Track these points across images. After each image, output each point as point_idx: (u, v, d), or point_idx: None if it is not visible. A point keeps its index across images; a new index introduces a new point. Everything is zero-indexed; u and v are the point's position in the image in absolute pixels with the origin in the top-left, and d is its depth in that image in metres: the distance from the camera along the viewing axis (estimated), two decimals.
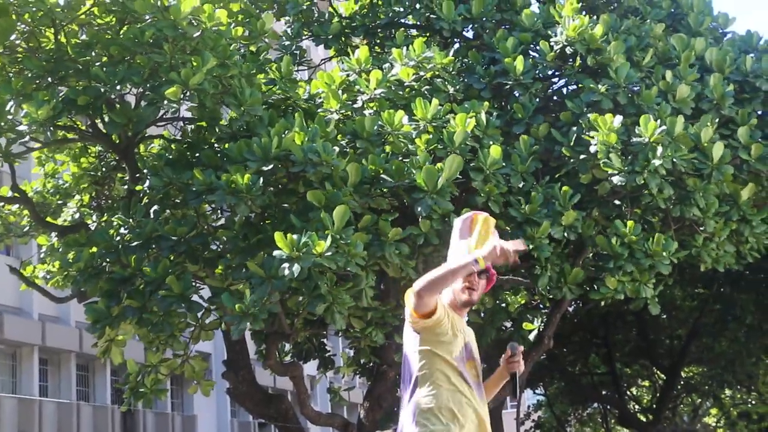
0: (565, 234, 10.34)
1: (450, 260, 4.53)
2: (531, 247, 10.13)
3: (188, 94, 9.61)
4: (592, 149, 10.20)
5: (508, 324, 15.01)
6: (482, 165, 9.99)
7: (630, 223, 10.49)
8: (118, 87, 9.76)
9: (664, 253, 10.39)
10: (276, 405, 12.82)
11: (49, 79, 10.10)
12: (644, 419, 22.76)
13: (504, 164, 10.16)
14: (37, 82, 10.08)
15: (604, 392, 22.49)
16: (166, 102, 9.55)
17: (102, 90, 9.73)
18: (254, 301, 8.92)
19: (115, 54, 9.99)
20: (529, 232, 10.14)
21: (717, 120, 10.90)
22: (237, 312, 8.97)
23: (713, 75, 11.08)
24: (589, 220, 10.83)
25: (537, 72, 11.29)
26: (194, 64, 9.58)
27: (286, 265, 8.68)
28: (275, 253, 8.79)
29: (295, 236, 8.69)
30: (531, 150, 10.50)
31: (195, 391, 12.25)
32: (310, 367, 19.70)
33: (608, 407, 23.82)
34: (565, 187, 10.42)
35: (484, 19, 11.87)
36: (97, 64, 9.95)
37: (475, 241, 4.65)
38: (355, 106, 10.48)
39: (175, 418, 26.20)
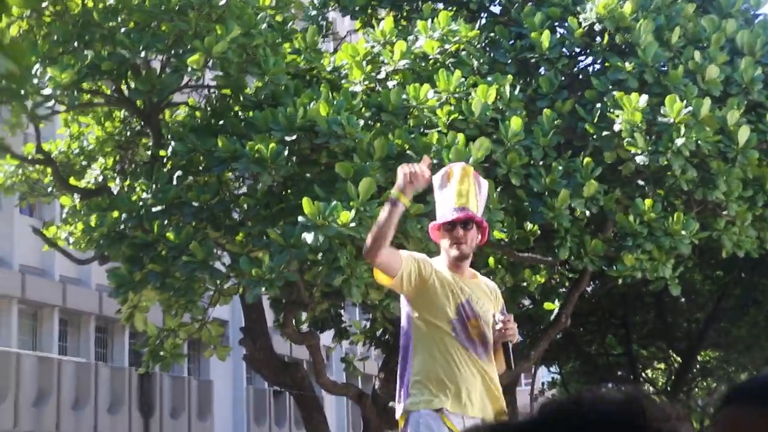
0: (587, 206, 10.29)
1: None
2: (551, 215, 10.10)
3: (212, 62, 9.62)
4: (617, 128, 10.14)
5: (527, 302, 15.01)
6: (503, 137, 9.96)
7: (649, 201, 10.43)
8: (143, 53, 9.79)
9: (684, 232, 10.33)
10: (292, 373, 12.90)
11: (75, 43, 10.14)
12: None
13: (525, 137, 10.11)
14: (64, 46, 10.12)
15: (619, 373, 22.47)
16: (189, 69, 9.56)
17: (127, 56, 9.76)
18: (271, 268, 8.97)
19: (140, 20, 10.01)
20: (549, 202, 10.11)
21: (745, 104, 10.80)
22: (254, 277, 9.02)
23: (744, 58, 10.95)
24: (612, 195, 10.78)
25: (564, 49, 11.20)
26: (218, 32, 9.58)
27: (308, 234, 8.69)
28: (299, 219, 8.81)
29: (322, 204, 8.71)
30: (553, 124, 10.45)
31: (211, 355, 12.35)
32: (326, 338, 19.78)
33: (623, 388, 23.81)
34: (587, 159, 10.37)
35: None
36: (123, 30, 9.97)
37: (455, 191, 4.54)
38: (378, 77, 10.46)
39: (192, 383, 26.43)
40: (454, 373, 4.36)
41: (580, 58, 12.15)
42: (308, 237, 8.70)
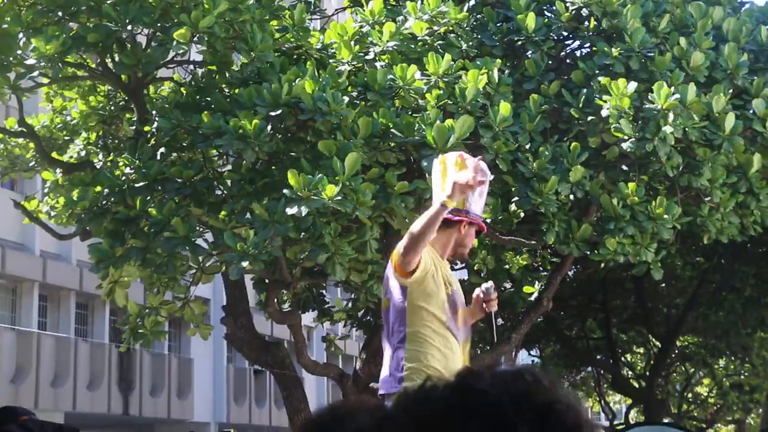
0: (573, 191, 10.32)
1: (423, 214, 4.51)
2: (538, 201, 10.13)
3: (198, 37, 9.56)
4: (604, 113, 10.16)
5: (508, 285, 15.06)
6: (492, 122, 9.96)
7: (632, 185, 10.47)
8: (129, 26, 9.71)
9: (667, 216, 10.38)
10: (273, 352, 12.90)
11: (60, 14, 10.04)
12: (637, 385, 22.92)
13: (513, 122, 10.12)
14: (48, 16, 10.03)
15: (598, 357, 22.63)
16: (175, 44, 9.51)
17: (113, 29, 9.68)
18: (255, 243, 8.95)
19: None
20: (537, 187, 10.14)
21: (730, 90, 10.83)
22: (237, 252, 9.01)
23: (728, 44, 10.99)
24: (597, 180, 10.81)
25: (551, 32, 11.20)
26: (206, 6, 9.52)
27: (291, 207, 8.67)
28: (284, 191, 8.80)
29: (307, 177, 8.70)
30: (540, 109, 10.45)
31: (194, 334, 12.33)
32: (308, 319, 19.84)
33: (602, 372, 23.99)
34: (573, 144, 10.39)
35: None
36: (109, 2, 9.89)
37: (484, 198, 4.70)
38: (367, 58, 10.43)
39: (172, 360, 26.42)
40: (448, 362, 4.41)
41: (567, 42, 12.15)
42: (292, 209, 8.67)
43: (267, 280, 12.27)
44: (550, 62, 11.26)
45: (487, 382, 1.27)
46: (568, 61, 12.08)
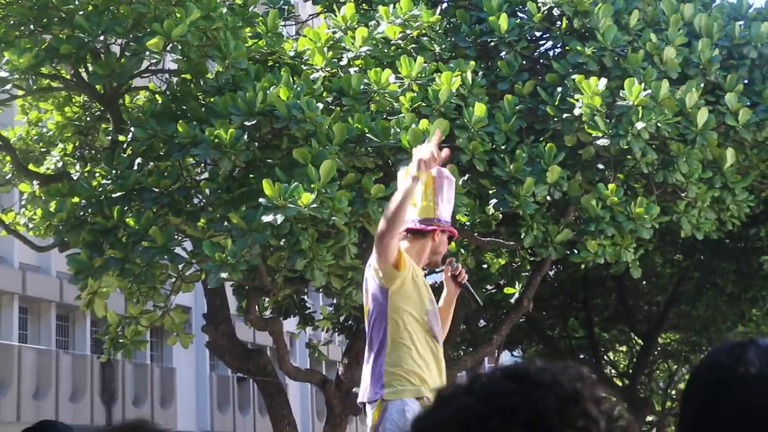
0: (550, 192, 10.36)
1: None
2: (515, 203, 10.15)
3: (171, 46, 9.55)
4: (577, 112, 10.20)
5: (490, 286, 15.09)
6: (467, 123, 9.99)
7: (612, 186, 10.52)
8: (102, 37, 9.69)
9: (646, 217, 10.43)
10: (255, 360, 12.88)
11: (32, 26, 10.01)
12: (620, 384, 23.00)
13: (488, 122, 10.15)
14: (20, 29, 10.00)
15: (581, 356, 22.68)
16: (149, 53, 9.49)
17: (85, 39, 9.66)
18: (234, 252, 8.95)
19: (99, 3, 9.91)
20: (514, 189, 10.16)
21: (702, 86, 10.90)
22: (216, 261, 9.00)
23: (701, 39, 11.06)
24: (574, 180, 10.86)
25: (524, 33, 11.25)
26: (178, 15, 9.51)
27: (267, 215, 8.67)
28: (260, 200, 8.81)
29: (283, 185, 8.71)
30: (515, 109, 10.49)
31: (174, 343, 12.30)
32: (290, 325, 19.83)
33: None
34: (549, 144, 10.43)
35: None
36: (81, 13, 9.86)
37: (453, 203, 4.78)
38: (340, 63, 10.45)
39: (154, 370, 26.30)
40: (430, 366, 4.44)
41: (540, 42, 12.21)
42: (268, 217, 8.67)
43: (247, 287, 12.26)
44: (523, 62, 11.31)
45: (552, 378, 1.23)
46: (541, 61, 12.14)
